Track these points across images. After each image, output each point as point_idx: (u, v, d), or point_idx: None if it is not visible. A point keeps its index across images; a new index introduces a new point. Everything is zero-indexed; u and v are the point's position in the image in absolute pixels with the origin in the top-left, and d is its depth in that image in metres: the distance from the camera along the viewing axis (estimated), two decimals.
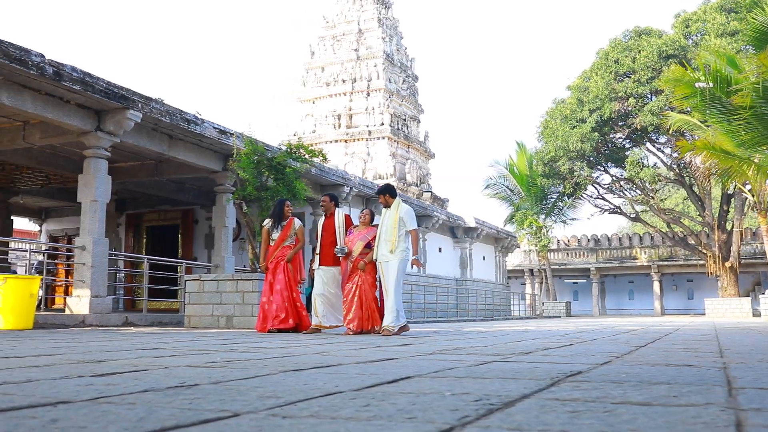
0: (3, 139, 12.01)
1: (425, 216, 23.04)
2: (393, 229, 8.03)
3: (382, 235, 8.15)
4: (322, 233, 8.91)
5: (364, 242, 8.47)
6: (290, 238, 9.12)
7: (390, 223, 8.08)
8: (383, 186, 8.54)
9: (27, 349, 4.62)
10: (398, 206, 8.17)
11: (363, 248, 8.44)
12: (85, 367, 3.22)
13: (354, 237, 8.60)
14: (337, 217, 8.87)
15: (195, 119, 12.13)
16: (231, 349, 4.80)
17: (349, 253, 8.51)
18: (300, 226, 9.31)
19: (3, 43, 8.82)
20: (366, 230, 8.60)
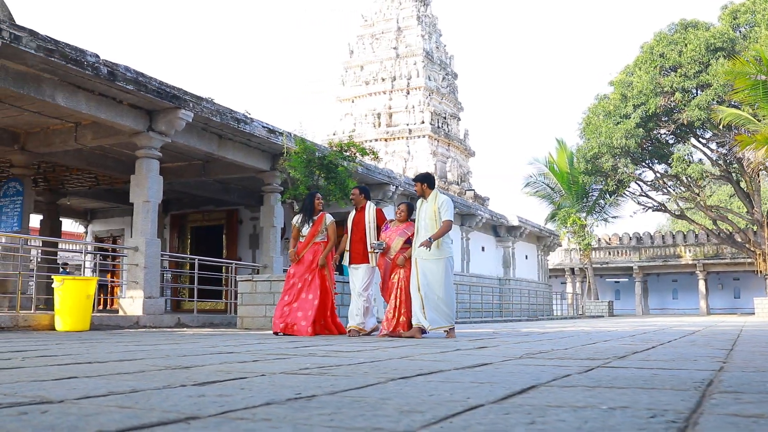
0: (55, 140, 12.04)
1: (469, 215, 22.76)
2: (433, 222, 7.39)
3: (421, 230, 7.52)
4: (351, 228, 8.33)
5: (404, 238, 7.94)
6: (321, 234, 8.48)
7: (429, 216, 7.44)
8: (422, 174, 7.89)
9: (102, 353, 4.49)
10: (436, 197, 7.54)
11: (403, 244, 7.93)
12: (178, 374, 3.06)
13: (392, 232, 8.08)
14: (367, 212, 8.27)
15: (244, 118, 12.04)
16: (310, 353, 4.62)
17: (387, 249, 8.00)
18: (332, 222, 8.55)
19: (59, 43, 8.78)
20: (405, 225, 8.07)
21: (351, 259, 8.24)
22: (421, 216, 7.54)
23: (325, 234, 8.47)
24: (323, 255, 8.31)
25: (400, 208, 8.23)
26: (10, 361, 3.69)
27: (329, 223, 8.48)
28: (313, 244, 8.42)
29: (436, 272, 7.37)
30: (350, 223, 8.35)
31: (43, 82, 9.32)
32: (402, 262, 7.81)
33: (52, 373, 2.99)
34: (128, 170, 14.56)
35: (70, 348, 5.00)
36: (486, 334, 8.57)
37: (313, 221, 8.42)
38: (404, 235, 7.97)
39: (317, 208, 8.52)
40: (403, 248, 7.90)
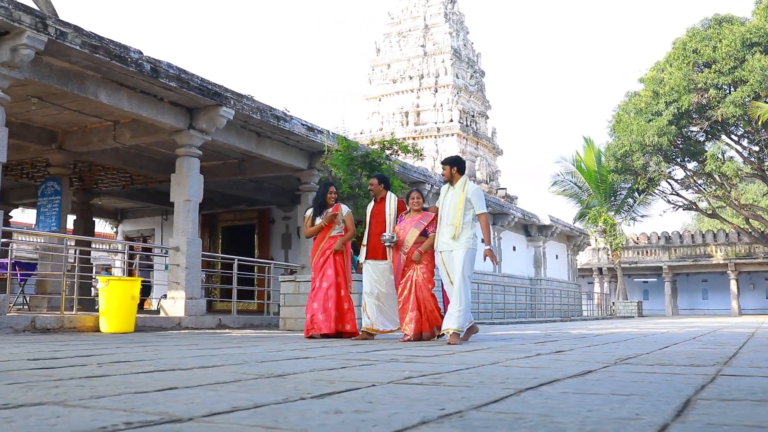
0: (93, 138, 11.91)
1: (501, 214, 22.44)
2: (458, 211, 6.66)
3: (443, 218, 6.79)
4: (370, 221, 7.68)
5: (419, 229, 7.14)
6: (338, 227, 7.93)
7: (454, 204, 6.72)
8: (452, 157, 7.12)
9: (174, 358, 4.28)
10: (465, 184, 6.79)
11: (418, 236, 7.13)
12: (281, 384, 2.82)
13: (406, 223, 7.28)
14: (388, 203, 7.61)
15: (284, 116, 11.84)
16: (391, 358, 4.38)
17: (400, 242, 7.22)
18: (348, 212, 8.03)
19: (103, 39, 8.62)
20: (420, 215, 7.25)
21: (369, 254, 7.54)
22: (445, 203, 6.82)
23: (342, 226, 7.97)
24: (340, 241, 7.87)
25: (412, 196, 7.37)
26: (88, 368, 3.47)
27: (345, 214, 8.01)
28: (330, 238, 7.93)
29: (455, 264, 6.63)
30: (369, 215, 7.76)
31: (86, 79, 9.17)
32: (417, 257, 7.04)
33: (148, 383, 2.77)
34: (163, 169, 14.47)
35: (135, 352, 4.79)
36: (538, 337, 8.28)
37: (327, 214, 7.93)
38: (419, 226, 7.18)
39: (329, 201, 7.99)
40: (417, 242, 7.12)
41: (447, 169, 6.96)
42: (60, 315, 8.65)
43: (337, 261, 7.87)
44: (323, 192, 8.00)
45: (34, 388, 2.55)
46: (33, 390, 2.49)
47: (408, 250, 7.11)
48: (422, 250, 7.05)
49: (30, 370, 3.31)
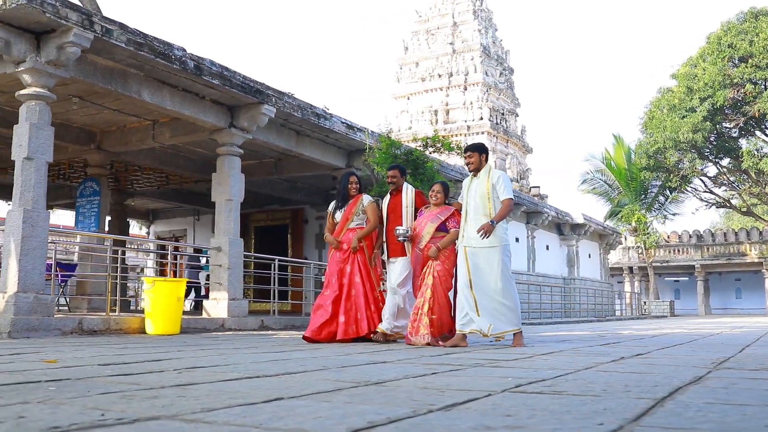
0: (132, 138, 11.81)
1: (535, 212, 22.13)
2: (487, 201, 6.16)
3: (470, 212, 6.29)
4: (387, 216, 7.08)
5: (436, 223, 6.63)
6: (357, 218, 7.14)
7: (482, 194, 6.21)
8: (477, 143, 6.61)
9: (247, 362, 4.09)
10: (489, 172, 6.32)
11: (435, 231, 6.63)
12: (391, 393, 2.61)
13: (424, 218, 6.77)
14: (404, 195, 7.03)
15: (324, 114, 11.66)
16: (475, 363, 4.15)
17: (416, 237, 6.70)
18: (370, 202, 7.21)
19: (148, 37, 8.48)
20: (439, 210, 6.73)
21: (389, 251, 7.06)
22: (471, 195, 6.33)
23: (363, 218, 7.17)
24: (356, 238, 7.01)
25: (434, 189, 6.84)
26: (169, 375, 3.29)
27: (367, 204, 7.18)
28: (347, 230, 7.14)
29: (492, 262, 6.14)
30: (385, 209, 7.14)
31: (130, 77, 9.05)
32: (434, 253, 6.49)
33: (249, 393, 2.57)
34: (199, 169, 14.37)
35: (204, 357, 4.61)
36: (595, 338, 8.02)
37: (348, 205, 7.22)
38: (437, 220, 6.67)
39: (350, 192, 7.26)
40: (435, 237, 6.61)
41: (476, 156, 6.40)
42: (106, 317, 8.53)
43: (360, 264, 7.05)
44: (345, 182, 7.32)
45: (133, 398, 2.37)
46: (134, 401, 2.30)
47: (423, 246, 6.62)
48: (441, 246, 6.51)
49: (110, 377, 3.13)
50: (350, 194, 7.24)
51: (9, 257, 7.58)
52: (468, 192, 6.38)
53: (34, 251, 7.65)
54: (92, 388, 2.66)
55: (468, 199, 6.34)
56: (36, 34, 7.87)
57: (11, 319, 7.21)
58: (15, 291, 7.43)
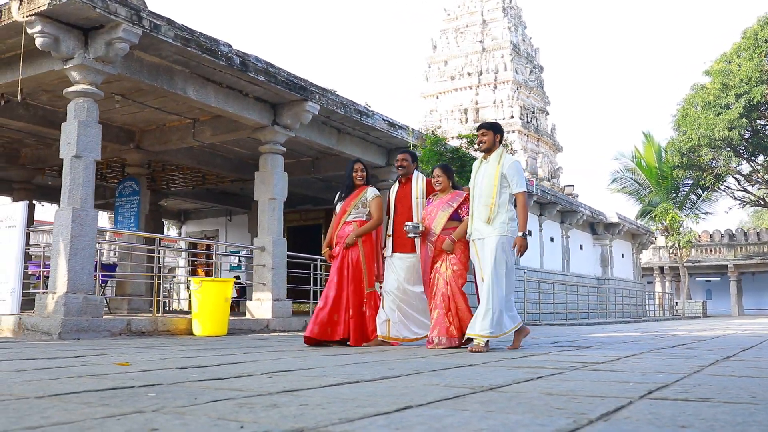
0: (172, 137, 11.70)
1: (570, 212, 21.80)
2: (492, 189, 5.46)
3: (475, 199, 5.60)
4: (395, 206, 6.34)
5: (448, 212, 5.89)
6: (355, 211, 6.32)
7: (489, 181, 5.52)
8: (491, 121, 5.91)
9: (328, 366, 3.89)
10: (501, 157, 5.58)
11: (447, 221, 5.89)
12: (518, 399, 2.39)
13: (433, 207, 6.01)
14: (414, 184, 6.32)
15: (366, 111, 11.47)
16: (570, 366, 3.92)
17: (427, 231, 5.94)
18: (375, 197, 6.39)
19: (194, 32, 8.34)
20: (449, 196, 5.99)
21: (395, 246, 6.25)
22: (478, 181, 5.63)
23: (364, 212, 6.35)
24: (353, 234, 6.20)
25: (434, 174, 6.09)
26: (261, 379, 3.10)
27: (372, 198, 6.37)
28: (345, 223, 6.33)
29: (486, 253, 5.42)
30: (392, 199, 6.41)
31: (175, 74, 8.91)
32: (449, 246, 5.79)
33: (369, 401, 2.36)
34: (235, 169, 14.24)
35: (276, 360, 4.42)
36: (654, 339, 7.74)
37: (350, 196, 6.41)
38: (448, 208, 5.91)
39: (356, 181, 6.45)
40: (447, 228, 5.87)
41: (489, 136, 5.64)
42: (153, 318, 8.39)
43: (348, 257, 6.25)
44: (349, 170, 6.53)
45: (253, 407, 2.17)
46: (257, 411, 2.10)
47: (436, 239, 5.87)
48: (455, 237, 5.79)
49: (201, 382, 2.95)
50: (355, 183, 6.46)
51: (58, 257, 7.46)
52: (476, 177, 5.69)
53: (82, 251, 7.53)
54: (197, 395, 2.47)
55: (475, 185, 5.67)
56: (84, 30, 7.75)
57: (61, 320, 7.09)
58: (65, 291, 7.30)
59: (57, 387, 2.69)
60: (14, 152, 13.56)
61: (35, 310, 7.54)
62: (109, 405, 2.20)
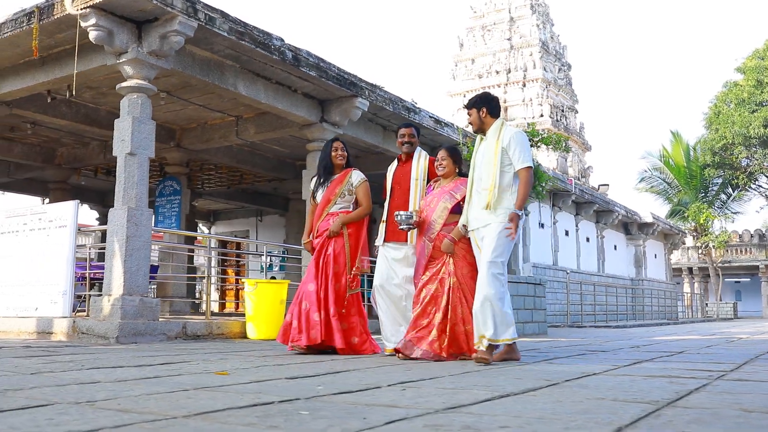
0: (214, 135, 11.45)
1: (605, 211, 21.38)
2: (492, 169, 4.55)
3: (474, 182, 4.73)
4: (392, 188, 5.52)
5: (450, 203, 4.99)
6: (341, 200, 5.56)
7: (488, 159, 4.61)
8: (478, 95, 4.92)
9: (445, 377, 3.58)
10: (500, 130, 4.64)
11: (449, 214, 4.97)
12: (713, 415, 2.07)
13: (433, 196, 5.11)
14: (416, 162, 5.42)
15: (413, 107, 11.17)
16: (664, 375, 3.59)
17: (422, 223, 5.04)
18: (361, 181, 5.64)
19: (248, 26, 8.06)
20: (453, 184, 5.07)
21: (387, 234, 5.39)
22: (477, 162, 4.74)
23: (350, 200, 5.61)
24: (339, 220, 5.44)
25: (438, 156, 5.16)
26: (393, 392, 2.79)
27: (358, 183, 5.62)
28: (328, 214, 5.55)
29: (485, 243, 4.54)
30: (390, 179, 5.57)
31: (226, 69, 8.64)
32: (449, 248, 4.87)
33: (562, 420, 2.05)
34: (274, 168, 14.00)
35: (375, 368, 4.12)
36: (716, 343, 7.38)
37: (331, 182, 5.62)
38: (451, 199, 5.00)
39: (336, 161, 5.65)
40: (449, 223, 4.96)
41: (474, 114, 4.78)
42: (207, 321, 8.13)
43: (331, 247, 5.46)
44: (327, 150, 5.70)
45: (439, 428, 1.86)
46: None
47: (435, 235, 4.96)
48: (456, 236, 4.85)
49: (336, 396, 2.65)
50: (335, 164, 5.65)
51: (113, 258, 7.21)
52: (474, 158, 4.80)
53: (138, 252, 7.27)
54: (360, 414, 2.17)
55: (473, 167, 4.78)
56: (137, 23, 7.50)
57: (119, 324, 6.82)
58: (121, 294, 7.05)
59: (191, 403, 2.39)
60: (50, 152, 13.38)
61: (90, 313, 7.29)
62: (278, 427, 1.90)
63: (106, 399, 2.52)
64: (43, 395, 2.62)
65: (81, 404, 2.38)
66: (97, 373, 3.52)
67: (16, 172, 14.33)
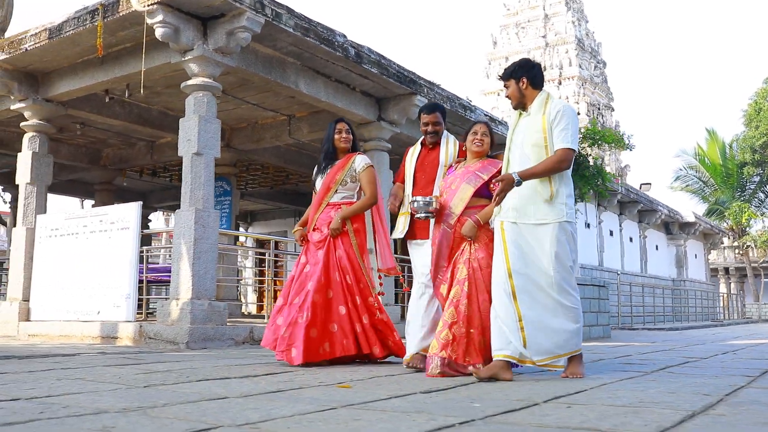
0: (265, 135, 11.27)
1: (649, 211, 20.96)
2: (540, 150, 3.82)
3: (512, 165, 3.95)
4: (414, 176, 4.71)
5: (475, 185, 4.23)
6: (343, 188, 4.94)
7: (532, 138, 3.87)
8: (517, 62, 4.11)
9: (593, 392, 3.32)
10: (545, 104, 3.91)
11: (472, 197, 4.22)
12: None
13: (455, 177, 4.35)
14: (444, 148, 4.66)
15: (469, 105, 10.92)
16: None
17: (442, 208, 4.27)
18: (365, 166, 5.00)
19: (312, 22, 7.85)
20: (480, 164, 4.31)
21: (412, 229, 4.69)
22: (516, 141, 3.97)
23: (354, 188, 4.98)
24: (341, 214, 4.83)
25: (476, 131, 4.38)
26: (560, 409, 2.54)
27: (362, 168, 4.97)
28: (328, 205, 4.92)
29: (544, 244, 3.80)
30: (411, 166, 4.74)
31: (287, 67, 8.43)
32: (471, 231, 4.14)
33: None
34: None
35: (502, 385, 3.87)
36: None
37: (332, 167, 4.98)
38: (475, 180, 4.24)
39: (339, 144, 5.02)
40: (472, 206, 4.21)
41: (512, 86, 4.01)
42: None
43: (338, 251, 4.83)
44: (330, 132, 5.06)
45: None
46: None
47: (455, 221, 4.21)
48: (482, 219, 4.14)
49: (509, 415, 2.40)
50: (337, 148, 5.02)
51: (180, 261, 7.03)
52: (512, 136, 4.02)
53: (205, 254, 7.09)
54: None
55: (511, 146, 4.00)
56: (203, 19, 7.31)
57: (188, 329, 6.64)
58: (189, 297, 6.87)
59: (369, 428, 2.16)
60: (96, 153, 13.28)
61: (157, 318, 7.12)
62: None
63: (263, 420, 2.30)
64: (188, 414, 2.40)
65: (243, 427, 2.16)
66: (214, 386, 3.31)
67: (60, 173, 14.22)
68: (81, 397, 2.87)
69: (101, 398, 2.85)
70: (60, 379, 3.61)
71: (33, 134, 9.07)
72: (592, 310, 9.50)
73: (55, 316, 8.17)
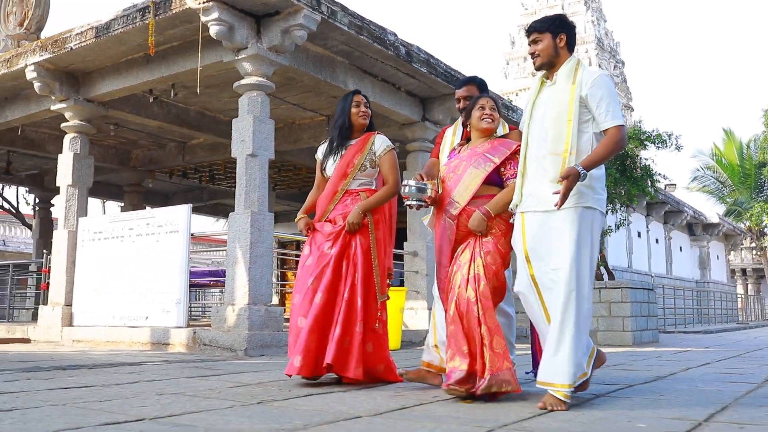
0: (303, 136, 11.08)
1: (675, 212, 20.72)
2: (565, 125, 3.22)
3: (532, 144, 3.35)
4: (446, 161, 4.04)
5: (485, 170, 3.53)
6: (361, 174, 4.16)
7: (557, 111, 3.26)
8: (548, 17, 3.52)
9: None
10: (575, 71, 3.31)
11: (483, 184, 3.53)
12: None
13: (460, 161, 3.65)
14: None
15: (511, 105, 10.73)
16: None
17: (441, 198, 3.62)
18: (387, 149, 4.20)
19: (365, 20, 7.65)
20: (489, 145, 3.61)
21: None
22: (536, 115, 3.37)
23: (374, 173, 4.21)
24: (357, 209, 4.03)
25: (487, 106, 3.66)
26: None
27: (383, 152, 4.20)
28: (346, 194, 4.15)
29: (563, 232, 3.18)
30: (445, 148, 4.11)
31: (337, 66, 8.24)
32: (480, 225, 3.46)
33: None
34: None
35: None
36: None
37: (346, 148, 4.18)
38: (486, 163, 3.55)
39: (357, 120, 4.24)
40: (481, 195, 3.53)
41: (546, 41, 3.36)
42: None
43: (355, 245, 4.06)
44: (345, 105, 4.25)
45: None
46: None
47: (459, 212, 3.53)
48: (492, 210, 3.47)
49: None
50: (355, 124, 4.23)
51: (235, 265, 6.84)
52: (532, 109, 3.41)
53: (261, 258, 6.90)
54: None
55: (531, 121, 3.39)
56: (256, 17, 7.12)
57: (246, 335, 6.45)
58: (246, 303, 6.68)
59: None
60: (126, 154, 13.11)
61: (212, 324, 6.92)
62: None
63: None
64: None
65: None
66: (331, 401, 3.11)
67: None
68: (208, 417, 2.68)
69: (228, 418, 2.66)
70: (160, 393, 3.43)
71: (74, 135, 8.89)
72: (642, 314, 9.29)
73: (100, 321, 8.00)
